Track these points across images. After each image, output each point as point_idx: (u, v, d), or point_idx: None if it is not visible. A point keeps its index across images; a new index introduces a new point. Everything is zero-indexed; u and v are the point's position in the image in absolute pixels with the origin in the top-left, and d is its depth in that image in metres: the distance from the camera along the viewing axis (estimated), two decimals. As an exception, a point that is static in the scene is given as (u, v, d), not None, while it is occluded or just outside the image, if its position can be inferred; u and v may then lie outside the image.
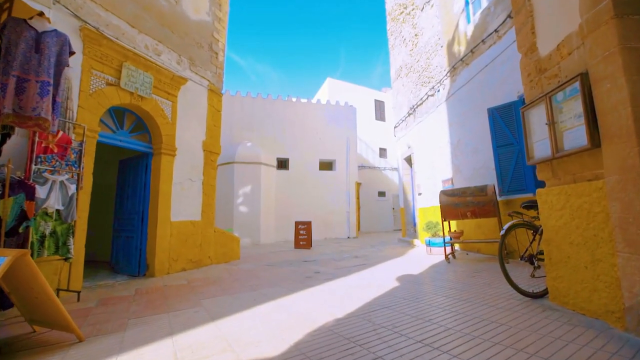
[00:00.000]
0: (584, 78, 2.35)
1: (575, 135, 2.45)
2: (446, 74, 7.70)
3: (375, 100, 19.74)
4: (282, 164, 13.02)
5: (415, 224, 10.24)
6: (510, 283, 2.91)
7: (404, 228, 10.87)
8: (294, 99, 13.62)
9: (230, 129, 12.39)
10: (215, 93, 6.92)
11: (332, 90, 17.93)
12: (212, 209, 6.56)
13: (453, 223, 6.98)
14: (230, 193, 10.80)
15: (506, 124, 5.20)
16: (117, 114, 5.13)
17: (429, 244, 6.76)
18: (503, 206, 5.47)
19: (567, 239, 2.57)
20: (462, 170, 7.00)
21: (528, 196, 4.93)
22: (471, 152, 6.62)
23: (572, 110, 2.48)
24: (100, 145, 5.28)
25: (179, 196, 5.78)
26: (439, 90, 8.19)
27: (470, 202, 5.39)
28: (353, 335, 2.31)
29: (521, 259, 3.09)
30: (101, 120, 4.76)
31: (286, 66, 74.11)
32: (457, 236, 5.69)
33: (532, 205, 3.26)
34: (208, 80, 6.76)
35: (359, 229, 16.20)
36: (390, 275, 4.63)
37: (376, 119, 19.56)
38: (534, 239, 3.16)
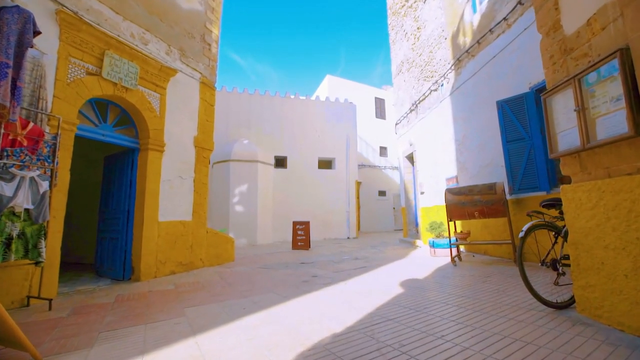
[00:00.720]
0: (625, 54, 2.01)
1: (612, 122, 2.10)
2: (450, 67, 7.35)
3: (376, 98, 19.39)
4: (280, 162, 12.67)
5: (417, 224, 9.90)
6: (531, 291, 2.57)
7: (406, 228, 10.53)
8: (292, 96, 13.27)
9: (227, 126, 12.04)
10: (208, 86, 6.57)
11: (332, 87, 17.58)
12: (204, 208, 6.21)
13: (459, 223, 6.64)
14: (225, 192, 10.46)
15: (517, 117, 4.86)
16: (100, 106, 4.78)
17: (433, 245, 6.42)
18: (513, 205, 5.13)
19: (600, 242, 2.23)
20: (468, 167, 6.66)
21: (541, 195, 4.58)
22: (477, 148, 6.28)
23: (607, 93, 2.14)
24: (84, 141, 4.96)
25: (168, 195, 5.44)
26: (442, 85, 7.85)
27: (478, 200, 5.05)
28: (353, 357, 1.97)
29: (542, 264, 2.74)
30: (81, 113, 4.41)
31: (286, 66, 73.75)
32: (464, 237, 5.35)
33: (554, 203, 2.91)
34: (200, 73, 6.41)
35: (359, 229, 15.86)
36: (394, 280, 4.28)
37: (376, 117, 19.21)
38: (556, 242, 2.82)
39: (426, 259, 6.17)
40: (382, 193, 18.40)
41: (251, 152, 10.83)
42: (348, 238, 13.00)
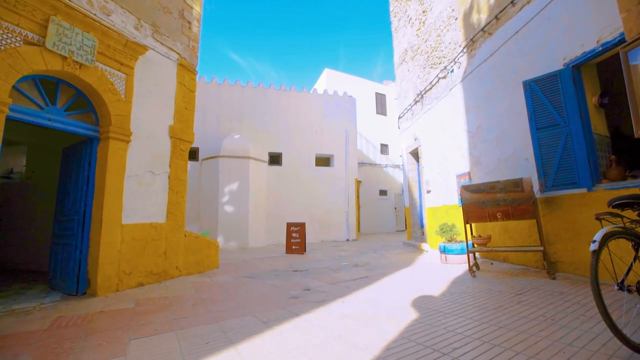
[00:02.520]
0: None
1: None
2: (462, 50, 6.55)
3: (376, 93, 18.59)
4: (275, 159, 11.86)
5: (422, 226, 9.10)
6: (613, 329, 1.77)
7: (410, 230, 9.72)
8: (288, 89, 12.45)
9: (217, 119, 11.23)
10: (187, 70, 5.76)
11: (331, 82, 16.77)
12: (181, 208, 5.40)
13: (475, 226, 5.84)
14: (214, 191, 9.64)
15: (550, 99, 4.05)
16: (47, 85, 3.96)
17: (444, 250, 5.61)
18: (543, 205, 4.32)
19: None
20: (483, 162, 5.86)
21: (581, 191, 3.78)
22: (495, 139, 5.48)
23: None
24: (39, 129, 4.17)
25: (136, 193, 4.62)
26: (452, 71, 7.04)
27: (502, 199, 4.25)
28: None
29: (619, 287, 1.93)
30: (18, 90, 3.59)
31: (285, 66, 72.94)
32: (483, 242, 4.55)
33: (631, 202, 2.10)
34: (178, 54, 5.60)
35: (358, 230, 15.06)
36: (402, 297, 3.48)
37: (377, 113, 18.41)
38: (638, 256, 2.02)
39: (437, 267, 5.37)
40: (383, 192, 17.60)
41: (242, 148, 10.02)
42: (347, 240, 12.19)
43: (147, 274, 4.66)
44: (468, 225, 4.85)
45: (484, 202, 4.37)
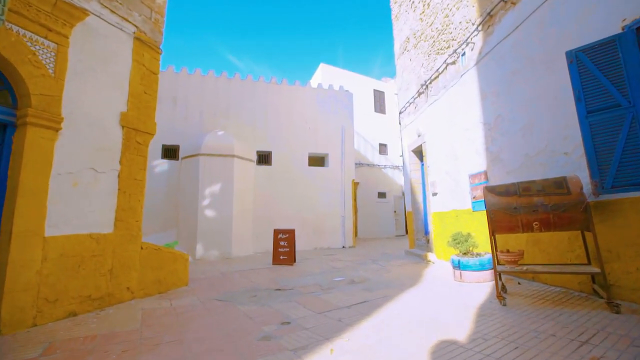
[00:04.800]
0: None
1: None
2: (476, 28, 5.59)
3: (375, 91, 17.64)
4: (264, 158, 10.84)
5: (427, 232, 8.11)
6: None
7: (412, 237, 8.72)
8: (279, 82, 11.47)
9: (201, 115, 10.21)
10: (148, 47, 4.76)
11: (326, 77, 15.80)
12: (136, 214, 4.37)
13: (500, 237, 4.87)
14: (194, 193, 8.60)
15: (606, 72, 3.08)
16: None
17: (459, 265, 4.62)
18: (596, 212, 3.34)
19: None
20: (504, 158, 4.89)
21: (653, 195, 2.80)
22: (521, 131, 4.51)
23: None
24: None
25: (69, 196, 3.60)
26: (464, 54, 6.08)
27: (540, 205, 3.26)
28: None
29: None
30: None
31: (283, 66, 72.02)
32: (514, 259, 3.55)
33: None
34: (135, 26, 4.59)
35: (356, 235, 14.04)
36: (416, 343, 2.47)
37: (376, 111, 17.45)
38: None
39: (451, 286, 4.38)
40: (382, 195, 16.61)
41: (226, 145, 8.99)
42: (343, 247, 11.18)
43: (83, 299, 3.63)
44: (482, 234, 3.85)
45: (516, 208, 3.38)
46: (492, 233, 3.58)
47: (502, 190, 3.56)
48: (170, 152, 9.93)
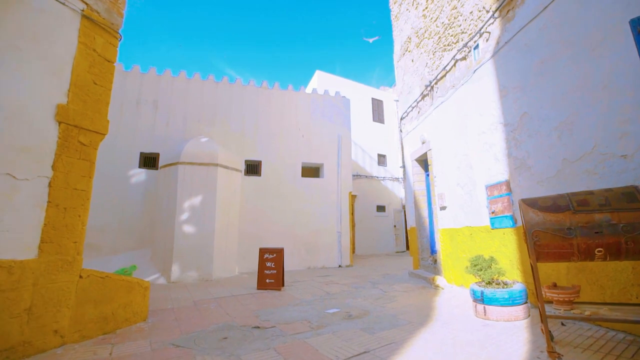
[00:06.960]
0: None
1: None
2: (492, 15, 4.83)
3: (373, 99, 16.96)
4: (253, 168, 9.94)
5: (434, 252, 7.18)
6: None
7: (417, 257, 7.77)
8: (270, 87, 10.69)
9: (184, 120, 9.36)
10: (102, 29, 3.93)
11: (322, 85, 15.10)
12: (74, 234, 3.43)
13: (522, 259, 3.95)
14: (171, 206, 7.64)
15: (695, 42, 2.25)
16: None
17: (483, 299, 3.68)
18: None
19: None
20: (534, 165, 4.02)
21: None
22: (557, 129, 3.66)
23: None
24: None
25: (-34, 210, 2.67)
26: (476, 46, 5.31)
27: (606, 224, 2.37)
28: None
29: None
30: None
31: (280, 77, 72.08)
32: (569, 299, 2.63)
33: None
34: (85, 3, 3.77)
35: (353, 252, 13.04)
36: None
37: (374, 120, 16.72)
38: None
39: (474, 327, 3.42)
40: (380, 208, 15.69)
41: (209, 153, 8.09)
42: (339, 266, 10.17)
43: (-19, 353, 2.65)
44: (504, 257, 2.93)
45: (570, 230, 2.48)
46: (536, 260, 2.66)
47: (548, 204, 2.67)
48: (149, 161, 9.02)
